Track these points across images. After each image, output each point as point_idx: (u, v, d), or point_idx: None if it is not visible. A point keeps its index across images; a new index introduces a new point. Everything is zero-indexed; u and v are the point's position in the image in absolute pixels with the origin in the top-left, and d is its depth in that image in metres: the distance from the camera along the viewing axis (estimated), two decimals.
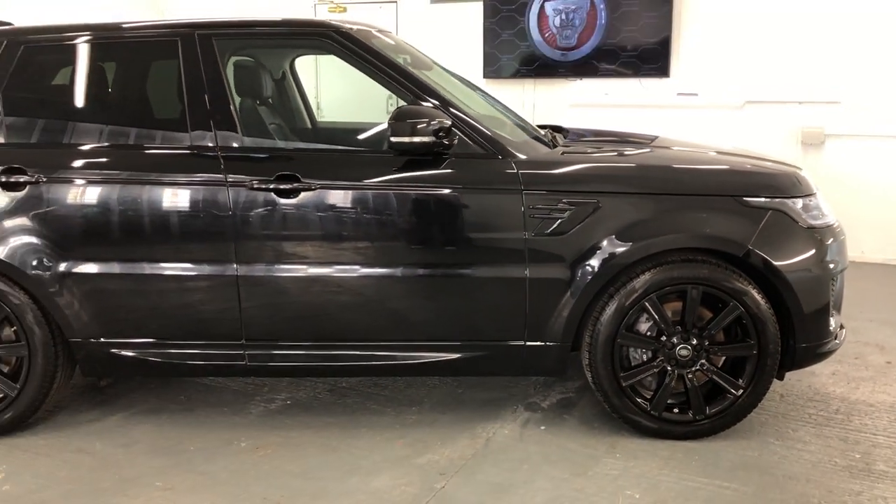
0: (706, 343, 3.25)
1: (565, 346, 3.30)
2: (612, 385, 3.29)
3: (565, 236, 3.19)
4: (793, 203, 3.26)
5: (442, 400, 3.81)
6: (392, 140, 3.13)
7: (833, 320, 3.36)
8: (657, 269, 3.21)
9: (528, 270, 3.21)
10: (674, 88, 7.08)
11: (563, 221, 3.19)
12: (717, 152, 3.82)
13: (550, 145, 3.58)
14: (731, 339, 3.30)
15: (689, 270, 3.20)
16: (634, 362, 3.34)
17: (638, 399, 3.32)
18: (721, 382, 3.27)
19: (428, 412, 3.67)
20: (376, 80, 3.36)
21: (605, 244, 3.18)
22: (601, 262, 3.18)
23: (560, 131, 4.15)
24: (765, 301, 3.20)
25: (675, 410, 3.33)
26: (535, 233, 3.19)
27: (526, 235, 3.19)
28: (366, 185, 3.24)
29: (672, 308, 3.27)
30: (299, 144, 4.12)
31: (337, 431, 3.48)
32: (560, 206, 3.19)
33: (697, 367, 3.26)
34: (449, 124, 3.15)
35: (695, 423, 3.31)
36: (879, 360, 4.30)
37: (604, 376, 3.28)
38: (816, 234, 3.26)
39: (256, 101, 3.93)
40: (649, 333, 3.30)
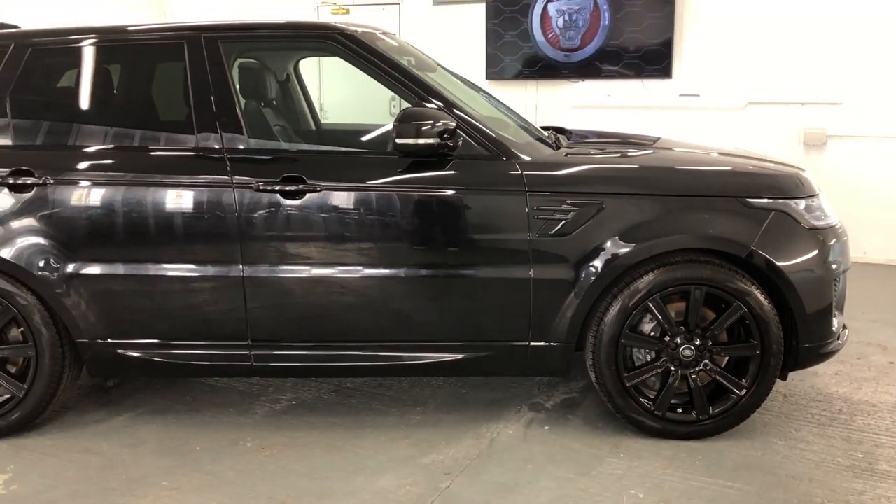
0: (709, 343, 3.27)
1: (569, 346, 3.32)
2: (616, 385, 3.30)
3: (569, 237, 3.21)
4: (796, 204, 3.27)
5: (446, 400, 3.82)
6: (397, 142, 3.15)
7: (836, 321, 3.38)
8: (661, 269, 3.22)
9: (532, 271, 3.23)
10: (676, 90, 7.08)
11: (566, 222, 3.21)
12: (720, 153, 3.84)
13: (554, 147, 3.60)
14: (734, 340, 3.32)
15: (693, 271, 3.22)
16: (638, 362, 3.35)
17: (642, 399, 3.34)
18: (724, 383, 3.29)
19: (432, 412, 3.69)
20: (381, 82, 3.38)
21: (608, 245, 3.20)
22: (605, 262, 3.19)
23: (563, 133, 4.16)
24: (768, 301, 3.21)
25: (679, 410, 3.35)
26: (539, 234, 3.21)
27: (530, 236, 3.21)
28: (371, 187, 3.26)
29: (675, 308, 3.29)
30: (304, 146, 4.14)
31: (342, 432, 3.50)
32: (564, 208, 3.21)
33: (701, 367, 3.28)
34: (453, 126, 3.17)
35: (698, 423, 3.33)
36: (882, 361, 4.31)
37: (607, 376, 3.30)
38: (819, 235, 3.27)
39: (261, 103, 3.94)
40: (653, 334, 3.31)
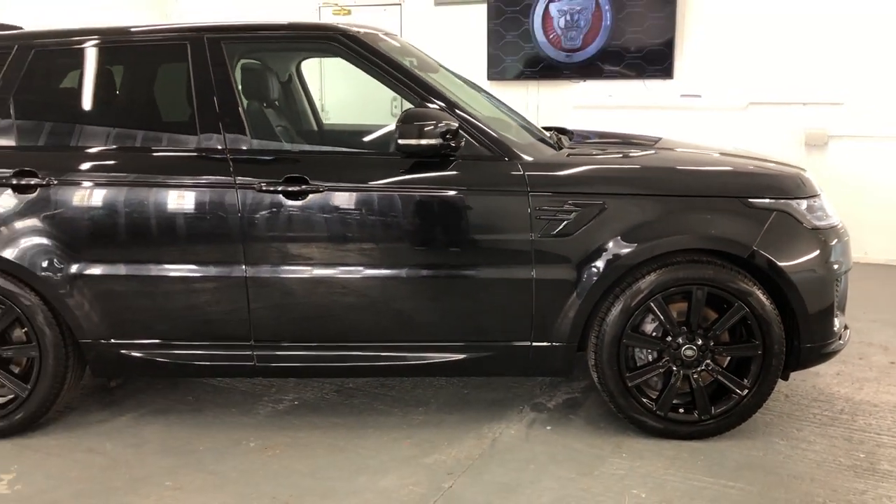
0: (711, 343, 3.27)
1: (571, 346, 3.32)
2: (618, 385, 3.31)
3: (571, 237, 3.22)
4: (797, 204, 3.28)
5: (448, 400, 3.83)
6: (400, 142, 3.16)
7: (837, 321, 3.38)
8: (663, 269, 3.23)
9: (534, 271, 3.24)
10: (677, 90, 7.08)
11: (569, 223, 3.22)
12: (721, 153, 3.84)
13: (556, 147, 3.61)
14: (736, 340, 3.32)
15: (695, 271, 3.22)
16: (640, 362, 3.36)
17: (643, 399, 3.34)
18: (726, 383, 3.30)
19: (434, 413, 3.70)
20: (383, 82, 3.39)
21: (610, 245, 3.21)
22: (607, 263, 3.20)
23: (565, 133, 4.17)
24: (769, 302, 3.22)
25: (681, 410, 3.35)
26: (542, 234, 3.22)
27: (532, 237, 3.22)
28: (373, 187, 3.26)
29: (677, 309, 3.29)
30: (307, 147, 4.16)
31: (344, 432, 3.51)
32: (566, 208, 3.22)
33: (703, 367, 3.28)
34: (456, 127, 3.18)
35: (700, 423, 3.33)
36: (883, 361, 4.31)
37: (609, 376, 3.30)
38: (821, 235, 3.28)
39: (264, 104, 3.95)
40: (655, 334, 3.32)
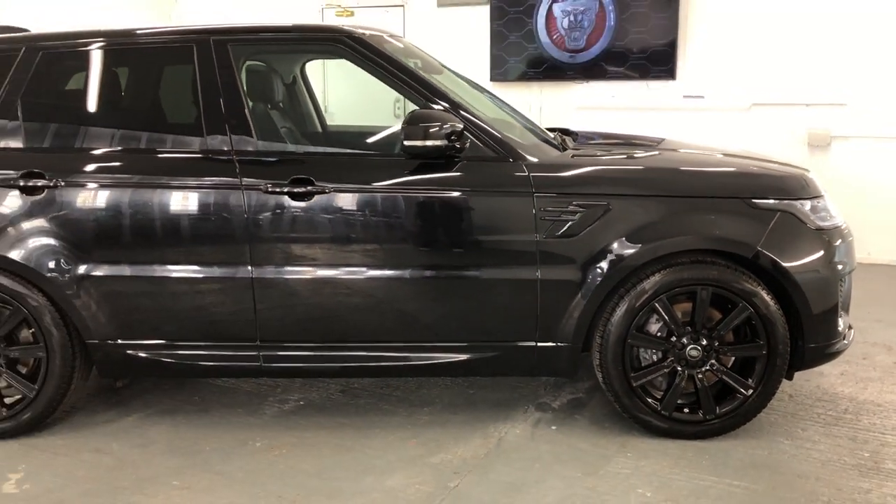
0: (716, 343, 3.28)
1: (576, 346, 3.33)
2: (623, 385, 3.32)
3: (576, 238, 3.23)
4: (801, 205, 3.29)
5: (453, 400, 3.84)
6: (405, 144, 3.18)
7: (841, 321, 3.39)
8: (667, 270, 3.24)
9: (539, 272, 3.25)
10: (680, 91, 7.08)
11: (573, 224, 3.23)
12: (724, 154, 3.85)
13: (560, 148, 3.62)
14: (740, 340, 3.33)
15: (699, 272, 3.23)
16: (645, 363, 3.37)
17: (648, 399, 3.35)
18: (731, 382, 3.31)
19: (440, 412, 3.71)
20: (389, 84, 3.40)
21: (615, 246, 3.22)
22: (611, 263, 3.21)
23: (568, 134, 4.18)
24: (774, 302, 3.23)
25: (686, 410, 3.36)
26: (547, 235, 3.23)
27: (537, 237, 3.23)
28: (379, 188, 3.28)
29: (682, 309, 3.30)
30: (312, 148, 4.17)
31: (350, 432, 3.52)
32: (571, 209, 3.23)
33: (707, 367, 3.30)
34: (461, 128, 3.19)
35: (705, 423, 3.34)
36: (887, 361, 4.32)
37: (614, 376, 3.32)
38: (825, 236, 3.29)
39: (269, 106, 3.97)
40: (659, 334, 3.33)
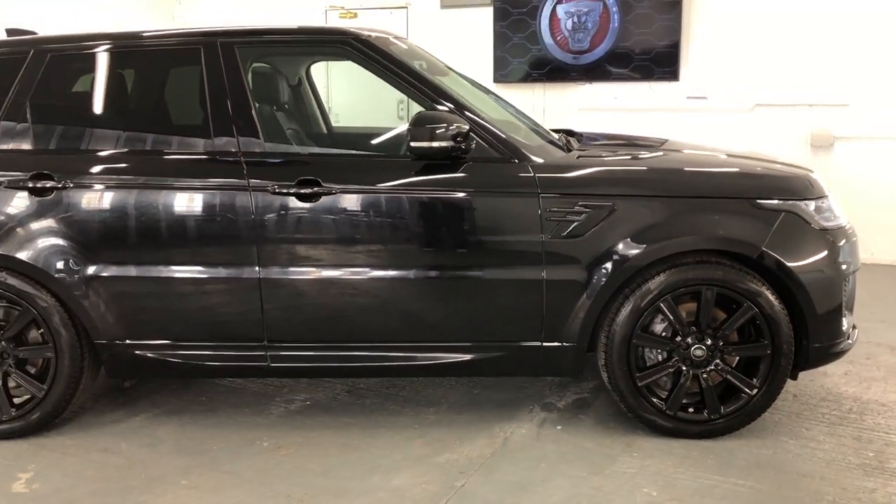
0: (720, 343, 3.30)
1: (581, 346, 3.35)
2: (628, 385, 3.34)
3: (581, 239, 3.25)
4: (805, 205, 3.31)
5: (459, 400, 3.86)
6: (412, 145, 3.20)
7: (846, 321, 3.41)
8: (672, 270, 3.25)
9: (545, 272, 3.27)
10: (683, 92, 7.10)
11: (579, 224, 3.25)
12: (729, 155, 3.87)
13: (565, 149, 3.64)
14: (745, 340, 3.35)
15: (704, 272, 3.25)
16: (650, 362, 3.39)
17: (653, 399, 3.37)
18: (735, 382, 3.32)
19: (445, 412, 3.73)
20: (394, 85, 3.42)
21: (620, 246, 3.23)
22: (617, 263, 3.23)
23: (573, 135, 4.20)
24: (778, 302, 3.24)
25: (690, 410, 3.38)
26: (552, 235, 3.25)
27: (543, 238, 3.25)
28: (385, 189, 3.30)
29: (687, 309, 3.32)
30: (319, 149, 4.19)
31: (357, 431, 3.54)
32: (576, 209, 3.25)
33: (712, 367, 3.31)
34: (466, 129, 3.21)
35: (710, 423, 3.36)
36: (891, 361, 4.33)
37: (620, 376, 3.33)
38: (829, 236, 3.30)
39: (275, 107, 3.99)
40: (664, 334, 3.34)
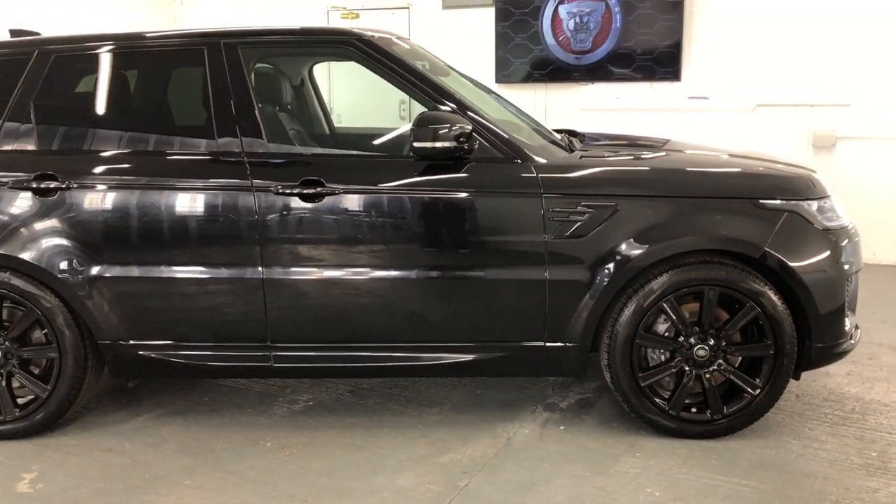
0: (723, 343, 3.30)
1: (584, 347, 3.35)
2: (631, 385, 3.34)
3: (584, 239, 3.25)
4: (808, 205, 3.31)
5: (462, 401, 3.87)
6: (415, 145, 3.20)
7: (848, 321, 3.41)
8: (675, 270, 3.26)
9: (547, 272, 3.27)
10: (684, 92, 7.11)
11: (581, 224, 3.25)
12: (731, 155, 3.87)
13: (568, 149, 3.64)
14: (747, 340, 3.35)
15: (707, 272, 3.25)
16: (652, 363, 3.39)
17: (656, 399, 3.37)
18: (738, 382, 3.32)
19: (448, 413, 3.73)
20: (398, 86, 3.42)
21: (623, 247, 3.24)
22: (619, 264, 3.23)
23: (575, 135, 4.21)
24: (781, 302, 3.24)
25: (693, 410, 3.38)
26: (555, 235, 3.25)
27: (546, 238, 3.25)
28: (388, 189, 3.30)
29: (689, 309, 3.32)
30: (323, 150, 4.19)
31: (360, 431, 3.54)
32: (579, 210, 3.25)
33: (715, 367, 3.32)
34: (469, 129, 3.21)
35: (713, 423, 3.36)
36: (893, 361, 4.33)
37: (622, 376, 3.34)
38: (831, 236, 3.31)
39: (278, 108, 4.00)
40: (667, 334, 3.35)
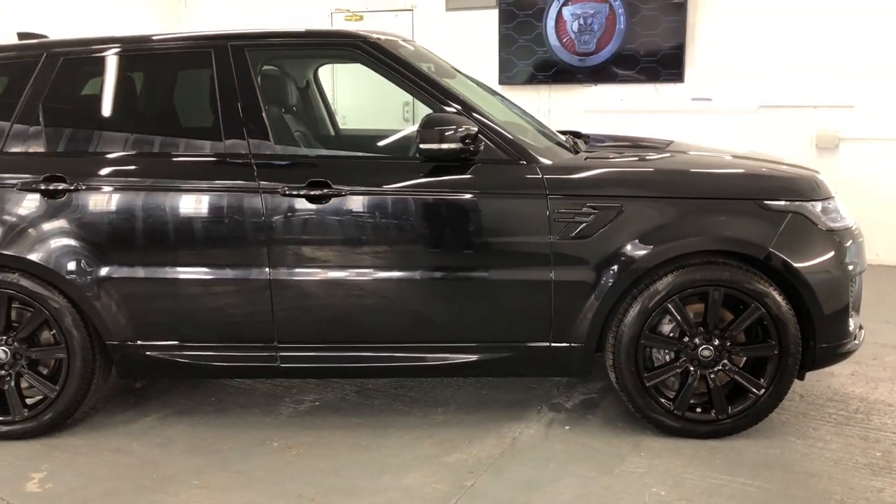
0: (728, 344, 3.32)
1: (589, 347, 3.37)
2: (636, 385, 3.36)
3: (589, 240, 3.27)
4: (812, 206, 3.32)
5: (467, 401, 3.88)
6: (421, 147, 3.22)
7: (852, 321, 3.42)
8: (679, 271, 3.27)
9: (553, 273, 3.29)
10: (688, 93, 7.11)
11: (587, 225, 3.27)
12: (735, 156, 3.89)
13: (572, 151, 3.66)
14: (752, 340, 3.37)
15: (711, 273, 3.27)
16: (657, 363, 3.41)
17: (661, 399, 3.39)
18: (743, 382, 3.34)
19: (454, 413, 3.75)
20: (403, 88, 3.44)
21: (628, 247, 3.25)
22: (624, 264, 3.25)
23: (580, 137, 4.23)
24: (785, 302, 3.26)
25: (698, 410, 3.40)
26: (560, 236, 3.27)
27: (551, 239, 3.27)
28: (394, 191, 3.32)
29: (694, 310, 3.34)
30: (329, 151, 4.22)
31: (366, 431, 3.56)
32: (584, 211, 3.27)
33: (719, 367, 3.33)
34: (475, 131, 3.23)
35: (717, 423, 3.38)
36: None
37: (628, 377, 3.35)
38: (835, 237, 3.32)
39: (284, 110, 4.02)
40: (672, 334, 3.36)
